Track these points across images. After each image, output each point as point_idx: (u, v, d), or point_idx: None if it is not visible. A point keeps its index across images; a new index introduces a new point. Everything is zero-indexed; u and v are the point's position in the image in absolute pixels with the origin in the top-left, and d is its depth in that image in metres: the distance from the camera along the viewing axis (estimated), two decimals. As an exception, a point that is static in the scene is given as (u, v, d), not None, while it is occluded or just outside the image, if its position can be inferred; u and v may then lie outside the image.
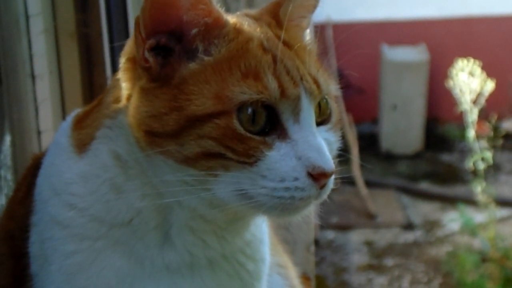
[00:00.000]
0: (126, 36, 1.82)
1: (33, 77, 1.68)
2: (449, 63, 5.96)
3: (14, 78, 1.59)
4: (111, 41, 1.83)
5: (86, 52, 1.83)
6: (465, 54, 4.55)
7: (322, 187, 0.94)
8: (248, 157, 0.92)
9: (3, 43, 1.55)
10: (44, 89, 1.71)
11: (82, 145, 1.04)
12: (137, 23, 0.94)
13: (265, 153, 0.92)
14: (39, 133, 1.69)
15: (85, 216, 1.01)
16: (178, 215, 1.01)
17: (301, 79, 0.96)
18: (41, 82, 1.70)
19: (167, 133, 0.92)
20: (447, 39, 6.04)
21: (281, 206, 0.93)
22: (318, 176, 0.93)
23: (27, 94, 1.66)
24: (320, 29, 1.09)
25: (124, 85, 0.99)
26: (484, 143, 4.14)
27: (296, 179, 0.92)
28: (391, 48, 5.86)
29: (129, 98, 0.98)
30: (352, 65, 4.02)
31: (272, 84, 0.93)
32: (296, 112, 0.95)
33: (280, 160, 0.93)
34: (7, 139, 1.53)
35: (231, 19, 0.99)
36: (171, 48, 0.96)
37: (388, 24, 6.07)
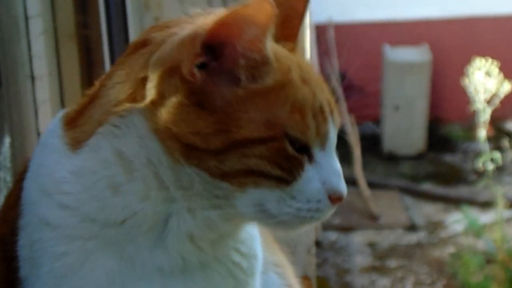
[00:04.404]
0: (126, 37, 1.83)
1: (32, 78, 1.68)
2: (452, 63, 5.97)
3: (14, 80, 1.59)
4: (110, 42, 1.83)
5: (86, 53, 1.83)
6: (468, 55, 4.54)
7: None
8: (290, 175, 0.96)
9: (3, 45, 1.54)
10: (44, 91, 1.70)
11: (77, 142, 1.02)
12: (195, 37, 0.95)
13: (301, 173, 0.97)
14: (38, 134, 1.69)
15: (77, 216, 1.00)
16: (183, 223, 1.00)
17: (331, 112, 1.01)
18: (41, 83, 1.69)
19: (210, 150, 0.94)
20: (449, 40, 6.03)
21: (297, 223, 0.99)
22: (335, 200, 0.99)
23: (26, 95, 1.65)
24: (322, 30, 1.09)
25: (153, 90, 0.97)
26: (490, 144, 4.13)
27: (319, 201, 0.98)
28: (393, 48, 5.85)
29: (154, 103, 0.97)
30: (354, 66, 4.02)
31: (312, 124, 0.97)
32: (323, 142, 1.00)
33: (308, 182, 0.98)
34: (7, 140, 1.52)
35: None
36: (206, 64, 0.97)
37: (390, 24, 6.06)
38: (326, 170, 0.99)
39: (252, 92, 0.96)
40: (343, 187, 0.99)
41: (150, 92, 0.97)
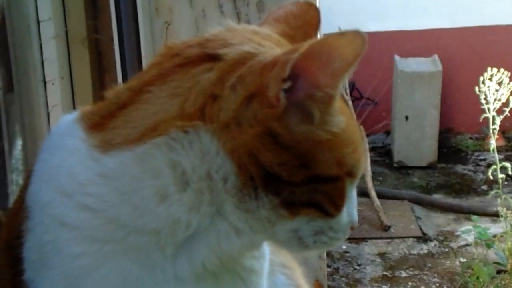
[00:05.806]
0: (137, 41, 1.84)
1: (44, 82, 1.69)
2: (463, 73, 5.97)
3: (26, 84, 1.60)
4: (121, 47, 1.83)
5: (97, 57, 1.84)
6: (478, 65, 4.54)
7: None
8: (340, 211, 1.01)
9: (15, 49, 1.56)
10: (55, 94, 1.72)
11: (110, 145, 0.98)
12: (284, 62, 0.92)
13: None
14: (50, 138, 1.69)
15: (101, 218, 0.97)
16: (225, 241, 1.00)
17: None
18: (52, 87, 1.70)
19: (291, 183, 0.96)
20: (459, 50, 6.03)
21: (319, 249, 1.05)
22: (351, 229, 1.05)
23: (38, 99, 1.67)
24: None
25: (230, 113, 0.96)
26: (502, 154, 4.11)
27: (344, 232, 1.03)
28: (403, 59, 5.85)
29: (228, 125, 0.96)
30: (364, 77, 4.02)
31: (363, 164, 1.02)
32: (356, 178, 1.04)
33: (344, 215, 1.02)
34: (19, 143, 1.53)
35: None
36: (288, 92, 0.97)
37: (400, 35, 6.07)
38: (351, 203, 1.03)
39: (332, 135, 0.97)
40: (357, 218, 1.05)
41: (226, 114, 0.96)
